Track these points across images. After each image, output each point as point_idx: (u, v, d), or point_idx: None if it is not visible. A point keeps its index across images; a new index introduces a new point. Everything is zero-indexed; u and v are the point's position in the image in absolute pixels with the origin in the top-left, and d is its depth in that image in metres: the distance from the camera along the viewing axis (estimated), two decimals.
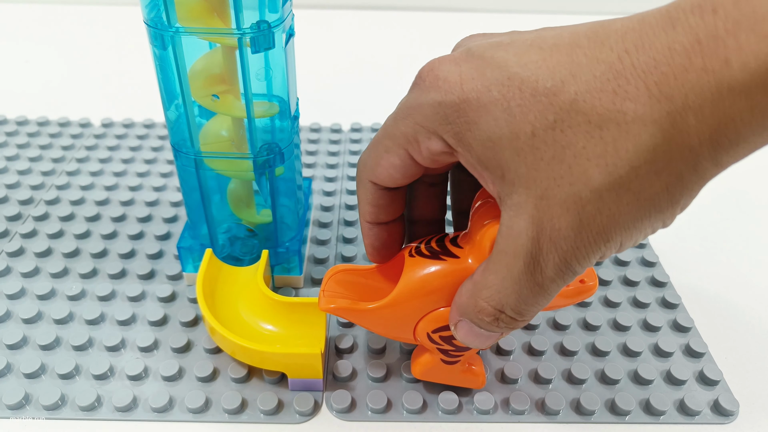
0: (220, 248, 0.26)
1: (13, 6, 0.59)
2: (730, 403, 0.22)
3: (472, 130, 0.15)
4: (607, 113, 0.13)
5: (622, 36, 0.13)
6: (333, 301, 0.20)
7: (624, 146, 0.13)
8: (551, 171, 0.14)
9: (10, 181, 0.33)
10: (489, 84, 0.14)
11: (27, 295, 0.26)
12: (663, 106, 0.12)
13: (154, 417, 0.21)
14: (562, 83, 0.13)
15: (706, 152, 0.13)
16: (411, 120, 0.16)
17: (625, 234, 0.14)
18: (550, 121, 0.13)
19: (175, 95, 0.21)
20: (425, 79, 0.16)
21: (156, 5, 0.20)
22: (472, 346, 0.18)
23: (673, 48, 0.12)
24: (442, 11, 0.62)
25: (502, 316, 0.16)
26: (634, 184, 0.13)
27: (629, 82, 0.13)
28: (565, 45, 0.14)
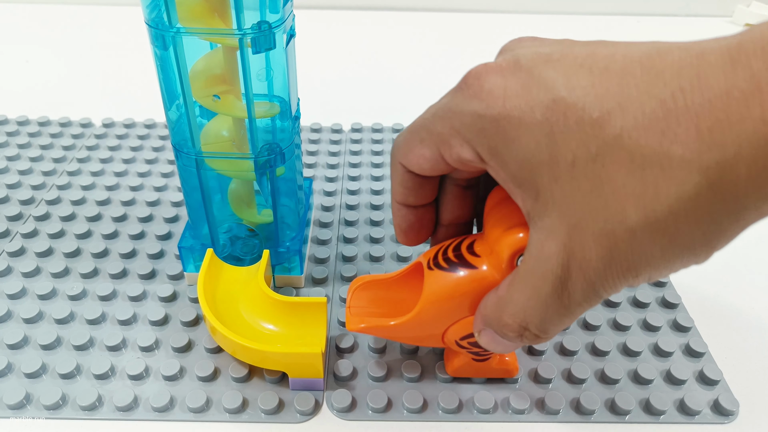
0: (221, 248, 0.26)
1: (13, 6, 0.59)
2: (730, 403, 0.22)
3: (509, 147, 0.14)
4: (653, 154, 0.12)
5: (678, 71, 0.12)
6: (361, 320, 0.20)
7: (665, 191, 0.12)
8: (588, 203, 0.13)
9: (11, 181, 0.33)
10: (533, 104, 0.14)
11: (28, 294, 0.26)
12: (713, 154, 0.12)
13: (155, 416, 0.21)
14: (609, 115, 0.13)
15: (752, 203, 0.12)
16: (448, 123, 0.16)
17: (654, 271, 0.14)
18: (592, 153, 0.13)
19: (176, 95, 0.22)
20: (470, 86, 0.15)
21: (157, 6, 0.20)
22: (495, 351, 0.18)
23: (731, 93, 0.12)
24: (443, 11, 0.62)
25: (526, 333, 0.16)
26: (671, 228, 0.13)
27: (680, 124, 0.12)
28: (617, 70, 0.13)
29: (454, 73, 0.56)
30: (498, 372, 0.22)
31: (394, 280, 0.21)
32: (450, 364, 0.22)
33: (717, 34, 0.13)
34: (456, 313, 0.19)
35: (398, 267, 0.28)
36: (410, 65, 0.50)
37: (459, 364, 0.22)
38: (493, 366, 0.22)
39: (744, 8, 0.60)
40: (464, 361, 0.21)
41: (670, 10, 0.63)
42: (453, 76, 0.52)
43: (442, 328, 0.19)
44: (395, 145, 0.18)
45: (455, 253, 0.18)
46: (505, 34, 0.65)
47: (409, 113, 0.42)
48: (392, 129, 0.40)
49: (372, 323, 0.20)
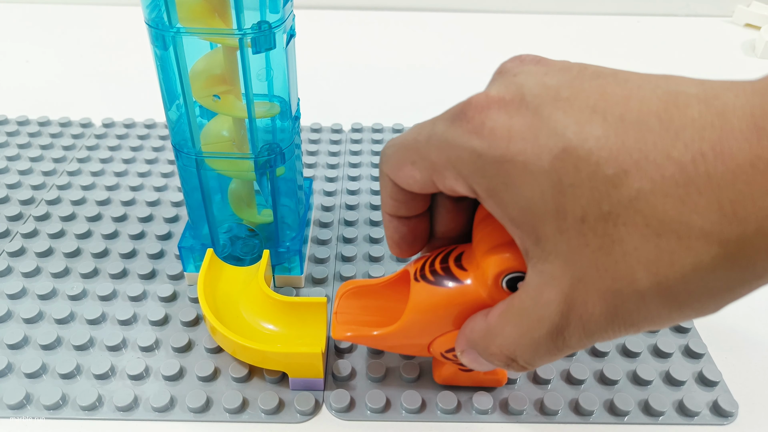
0: (221, 248, 0.26)
1: (13, 6, 0.59)
2: (730, 404, 0.22)
3: (510, 192, 0.14)
4: (670, 222, 0.12)
5: (700, 133, 0.12)
6: (347, 329, 0.20)
7: (680, 261, 0.12)
8: (595, 260, 0.13)
9: (11, 181, 0.33)
10: (541, 151, 0.13)
11: (28, 294, 0.26)
12: (734, 228, 0.11)
13: (155, 417, 0.21)
14: (625, 174, 0.12)
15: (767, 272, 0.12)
16: (444, 154, 0.15)
17: (657, 326, 0.14)
18: (604, 212, 0.12)
19: (176, 95, 0.22)
20: (471, 120, 0.14)
21: (157, 6, 0.20)
22: (477, 369, 0.18)
23: (756, 165, 0.11)
24: (443, 11, 0.62)
25: (513, 364, 0.16)
26: (683, 296, 0.12)
27: (701, 193, 0.11)
28: (632, 122, 0.12)
29: (454, 73, 0.56)
30: (486, 381, 0.22)
31: (382, 287, 0.21)
32: (438, 372, 0.22)
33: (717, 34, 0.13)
34: (441, 326, 0.18)
35: (398, 267, 0.28)
36: (410, 65, 0.50)
37: (447, 373, 0.22)
38: (480, 375, 0.22)
39: (744, 8, 0.60)
40: (452, 370, 0.21)
41: (670, 10, 0.63)
42: (453, 76, 0.52)
43: (428, 339, 0.19)
44: (384, 156, 0.17)
45: (442, 266, 0.18)
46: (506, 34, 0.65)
47: (409, 113, 0.42)
48: (392, 129, 0.40)
49: (357, 332, 0.20)
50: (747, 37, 0.57)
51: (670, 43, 0.57)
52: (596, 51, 0.54)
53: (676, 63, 0.52)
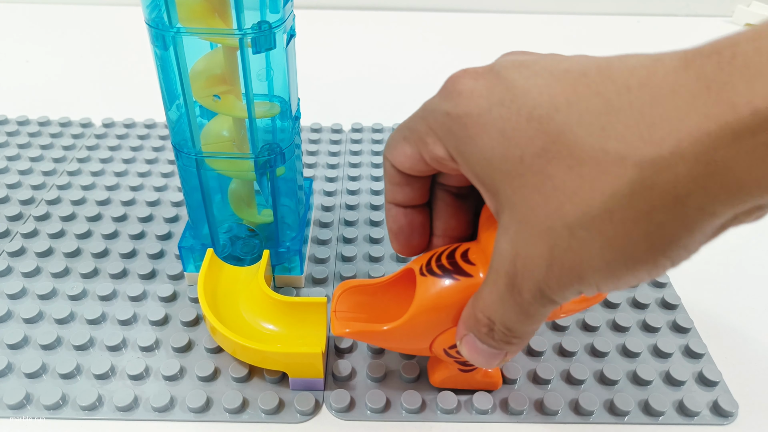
0: (221, 248, 0.26)
1: (13, 6, 0.59)
2: (730, 404, 0.22)
3: (470, 146, 0.15)
4: (590, 149, 0.12)
5: (631, 71, 0.12)
6: (347, 325, 0.20)
7: (600, 187, 0.12)
8: (531, 199, 0.14)
9: (11, 181, 0.33)
10: (492, 103, 0.14)
11: (28, 294, 0.26)
12: (649, 149, 0.12)
13: (155, 416, 0.21)
14: (556, 111, 0.13)
15: (695, 202, 0.12)
16: (425, 121, 0.16)
17: (599, 278, 0.13)
18: (537, 149, 0.13)
19: (177, 95, 0.22)
20: (447, 88, 0.16)
21: (157, 6, 0.20)
22: (476, 363, 0.18)
23: (677, 91, 0.11)
24: (443, 11, 0.62)
25: (494, 329, 0.16)
26: (608, 227, 0.12)
27: (619, 120, 0.12)
28: (574, 72, 0.13)
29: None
30: (482, 384, 0.22)
31: (381, 286, 0.21)
32: (434, 375, 0.22)
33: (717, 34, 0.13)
34: (447, 321, 0.18)
35: (398, 267, 0.28)
36: (410, 65, 0.50)
37: (444, 375, 0.22)
38: (477, 378, 0.22)
39: (744, 8, 0.60)
40: (449, 372, 0.21)
41: (670, 10, 0.63)
42: None
43: (433, 335, 0.19)
44: (387, 141, 0.19)
45: (449, 260, 0.18)
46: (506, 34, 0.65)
47: (409, 113, 0.42)
48: (392, 129, 0.40)
49: (359, 328, 0.19)
50: None
51: (670, 43, 0.56)
52: (596, 51, 0.54)
53: None
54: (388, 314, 0.20)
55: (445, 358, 0.20)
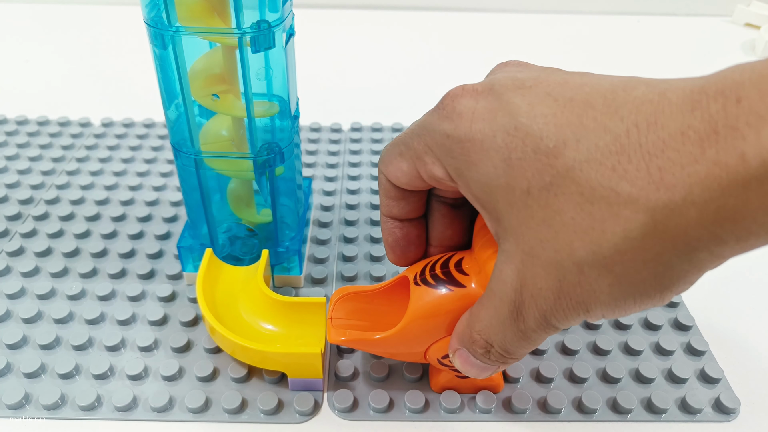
0: (220, 248, 0.26)
1: (13, 6, 0.59)
2: (732, 401, 0.22)
3: (471, 170, 0.15)
4: (601, 189, 0.12)
5: (638, 107, 0.12)
6: (342, 333, 0.20)
7: (611, 228, 0.12)
8: (539, 232, 0.13)
9: (10, 181, 0.33)
10: (496, 129, 0.14)
11: (27, 294, 0.26)
12: (661, 194, 0.12)
13: (154, 417, 0.21)
14: (564, 145, 0.13)
15: (705, 246, 0.12)
16: (423, 140, 0.16)
17: (606, 309, 0.14)
18: (546, 183, 0.13)
19: (175, 95, 0.21)
20: (445, 106, 0.15)
21: (156, 5, 0.20)
22: (469, 375, 0.18)
23: (686, 133, 0.11)
24: (443, 11, 0.62)
25: (492, 350, 0.16)
26: (618, 267, 0.13)
27: (631, 161, 0.12)
28: (580, 102, 0.13)
29: (453, 73, 0.56)
30: (482, 388, 0.22)
31: (377, 293, 0.21)
32: (435, 381, 0.22)
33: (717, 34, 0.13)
34: (440, 331, 0.18)
35: (398, 268, 0.28)
36: (410, 65, 0.50)
37: (444, 380, 0.21)
38: (477, 382, 0.22)
39: (744, 8, 0.60)
40: (448, 377, 0.21)
41: (669, 10, 0.63)
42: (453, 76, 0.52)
43: (426, 345, 0.19)
44: (381, 155, 0.19)
45: (443, 270, 0.18)
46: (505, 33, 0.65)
47: (408, 113, 0.42)
48: (392, 128, 0.40)
49: (354, 336, 0.20)
50: (747, 37, 0.57)
51: (670, 42, 0.57)
52: (596, 51, 0.54)
53: (676, 63, 0.52)
54: (384, 321, 0.20)
55: (439, 366, 0.20)
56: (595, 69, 0.16)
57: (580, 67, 0.16)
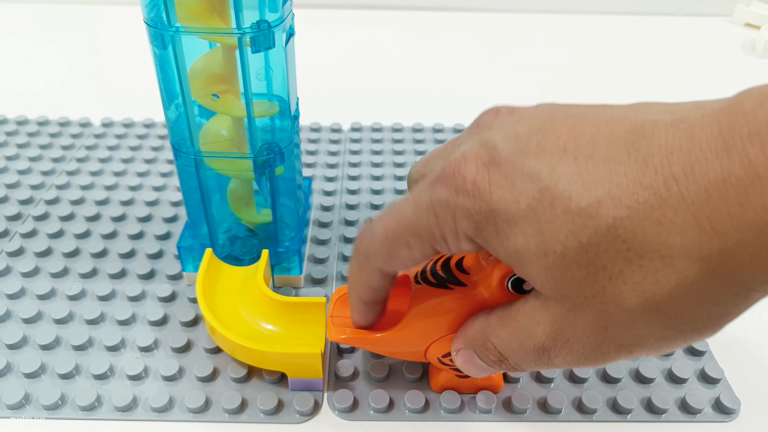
0: (220, 248, 0.26)
1: (13, 6, 0.59)
2: (732, 401, 0.22)
3: (499, 239, 0.14)
4: (650, 244, 0.12)
5: (668, 157, 0.12)
6: (343, 331, 0.20)
7: (665, 278, 0.12)
8: (582, 290, 0.13)
9: (10, 181, 0.33)
10: (518, 195, 0.13)
11: (27, 294, 0.26)
12: (714, 242, 0.12)
13: (154, 417, 0.21)
14: (598, 204, 0.12)
15: (759, 286, 0.12)
16: (438, 221, 0.15)
17: (652, 350, 0.14)
18: (583, 243, 0.13)
19: (175, 95, 0.21)
20: (453, 179, 0.14)
21: (156, 5, 0.20)
22: (468, 373, 0.18)
23: (728, 181, 0.11)
24: (443, 11, 0.62)
25: (505, 362, 0.16)
26: (672, 311, 0.13)
27: (676, 213, 0.12)
28: (602, 157, 0.13)
29: (453, 73, 0.56)
30: (482, 388, 0.22)
31: None
32: (435, 380, 0.22)
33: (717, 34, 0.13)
34: (441, 330, 0.18)
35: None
36: (410, 65, 0.50)
37: (444, 380, 0.22)
38: (477, 382, 0.22)
39: (744, 8, 0.60)
40: (448, 377, 0.21)
41: (669, 9, 0.63)
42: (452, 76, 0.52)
43: (427, 343, 0.19)
44: (368, 250, 0.17)
45: (444, 269, 0.18)
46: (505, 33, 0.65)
47: (408, 113, 0.42)
48: (391, 128, 0.40)
49: (355, 335, 0.20)
50: (747, 37, 0.57)
51: (670, 42, 0.57)
52: (596, 51, 0.54)
53: (676, 63, 0.52)
54: (384, 319, 0.20)
55: (439, 365, 0.20)
56: (596, 69, 0.15)
57: (579, 67, 0.16)
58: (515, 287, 0.17)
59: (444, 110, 0.42)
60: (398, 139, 0.38)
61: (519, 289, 0.17)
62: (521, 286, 0.17)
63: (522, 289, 0.17)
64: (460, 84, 0.47)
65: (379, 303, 0.19)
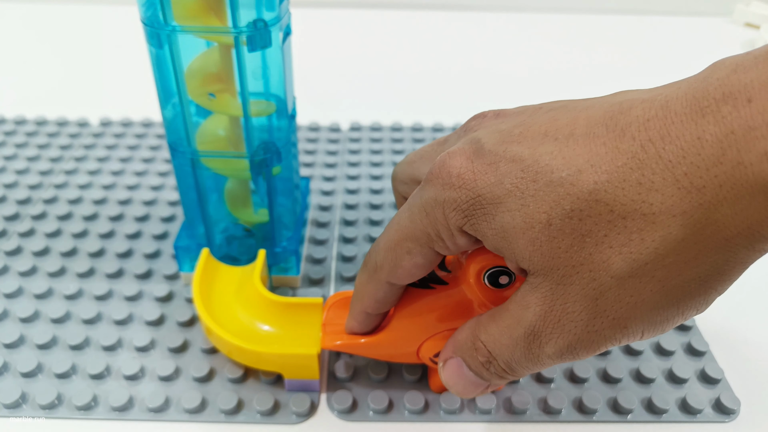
0: (217, 248, 0.25)
1: (13, 6, 0.59)
2: (732, 402, 0.22)
3: (487, 221, 0.14)
4: (632, 203, 0.12)
5: (644, 124, 0.13)
6: (336, 338, 0.20)
7: (650, 236, 0.12)
8: (569, 259, 0.13)
9: (8, 181, 0.33)
10: (502, 177, 0.14)
11: (24, 294, 0.26)
12: (693, 197, 0.12)
13: (150, 417, 0.21)
14: (579, 172, 0.13)
15: (743, 242, 0.12)
16: (430, 219, 0.15)
17: (647, 323, 0.14)
18: (566, 210, 0.13)
19: (172, 94, 0.21)
20: (439, 176, 0.15)
21: (152, 4, 0.20)
22: (453, 389, 0.17)
23: (703, 138, 0.12)
24: (442, 10, 0.62)
25: (493, 363, 0.16)
26: (660, 272, 0.13)
27: (655, 172, 0.12)
28: (581, 135, 0.13)
29: (453, 72, 0.56)
30: None
31: None
32: (434, 380, 0.22)
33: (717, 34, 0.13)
34: (428, 329, 0.19)
35: None
36: (409, 64, 0.50)
37: (440, 380, 0.21)
38: None
39: (744, 8, 0.59)
40: None
41: (669, 9, 0.63)
42: (452, 75, 0.52)
43: (416, 344, 0.19)
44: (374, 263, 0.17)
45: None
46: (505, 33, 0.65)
47: (408, 112, 0.42)
48: (391, 128, 0.40)
49: (346, 341, 0.20)
50: (747, 37, 0.56)
51: (670, 42, 0.56)
52: (596, 51, 0.54)
53: (676, 62, 0.52)
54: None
55: (433, 366, 0.20)
56: (596, 69, 0.16)
57: (579, 67, 0.16)
58: (492, 281, 0.17)
59: (443, 110, 0.42)
60: (397, 139, 0.38)
61: (495, 283, 0.17)
62: (497, 279, 0.17)
63: (498, 283, 0.17)
64: (460, 84, 0.47)
65: (380, 315, 0.19)
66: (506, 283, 0.17)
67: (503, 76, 0.48)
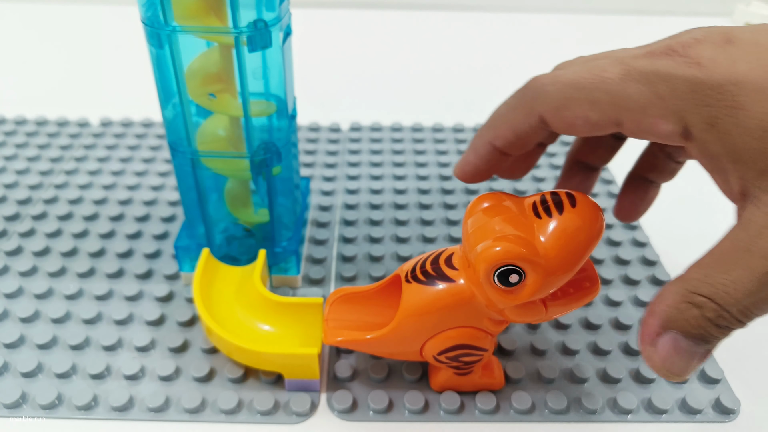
0: (217, 248, 0.25)
1: (13, 6, 0.59)
2: (732, 402, 0.22)
3: (737, 116, 0.13)
4: None
5: None
6: (338, 334, 0.20)
7: None
8: None
9: (8, 181, 0.33)
10: (763, 64, 0.12)
11: (24, 294, 0.26)
12: None
13: (150, 417, 0.21)
14: None
15: None
16: (651, 89, 0.14)
17: None
18: None
19: (172, 94, 0.21)
20: (683, 54, 0.13)
21: (153, 4, 0.20)
22: (673, 370, 0.15)
23: None
24: (442, 10, 0.62)
25: (724, 315, 0.14)
26: None
27: None
28: None
29: (453, 72, 0.56)
30: (482, 385, 0.22)
31: (373, 293, 0.21)
32: (434, 379, 0.22)
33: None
34: (434, 327, 0.18)
35: (398, 266, 0.28)
36: (409, 64, 0.50)
37: (443, 378, 0.21)
38: (476, 380, 0.21)
39: (744, 8, 0.59)
40: (447, 375, 0.21)
41: (669, 9, 0.63)
42: (452, 75, 0.52)
43: (420, 342, 0.19)
44: (541, 90, 0.16)
45: (433, 266, 0.18)
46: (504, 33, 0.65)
47: (408, 112, 0.42)
48: (391, 128, 0.40)
49: (349, 337, 0.20)
50: None
51: None
52: (596, 50, 0.54)
53: None
54: (379, 320, 0.20)
55: (436, 364, 0.20)
56: None
57: None
58: (501, 280, 0.16)
59: (443, 110, 0.42)
60: (397, 139, 0.38)
61: (505, 282, 0.16)
62: (507, 278, 0.16)
63: (508, 282, 0.16)
64: (460, 84, 0.47)
65: (502, 157, 0.17)
66: (516, 282, 0.16)
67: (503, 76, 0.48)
